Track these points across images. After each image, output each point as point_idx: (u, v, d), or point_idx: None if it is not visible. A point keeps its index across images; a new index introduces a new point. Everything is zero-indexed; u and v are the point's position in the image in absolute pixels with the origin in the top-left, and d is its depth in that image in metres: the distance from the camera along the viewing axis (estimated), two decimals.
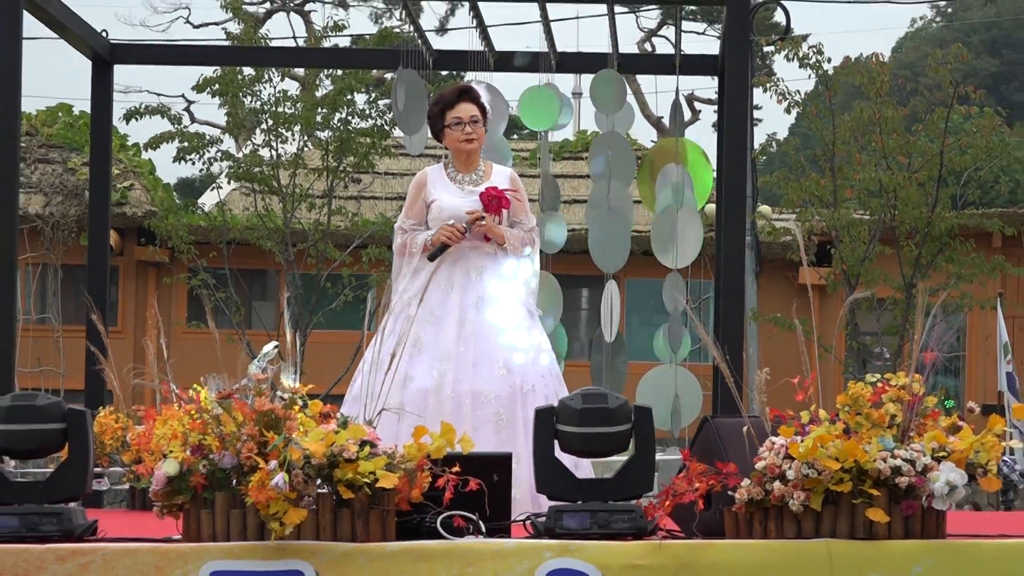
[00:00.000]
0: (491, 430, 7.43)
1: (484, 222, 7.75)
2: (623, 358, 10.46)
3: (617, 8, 10.31)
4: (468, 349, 7.73)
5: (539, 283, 8.42)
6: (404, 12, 11.39)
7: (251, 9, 29.00)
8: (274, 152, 21.93)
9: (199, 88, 22.24)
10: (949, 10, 55.62)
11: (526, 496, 7.09)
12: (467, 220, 7.75)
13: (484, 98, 8.45)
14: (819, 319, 5.46)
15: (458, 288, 7.84)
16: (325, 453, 5.43)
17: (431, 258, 7.72)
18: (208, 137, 23.00)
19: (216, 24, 35.11)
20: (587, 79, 10.48)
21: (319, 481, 5.44)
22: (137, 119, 23.15)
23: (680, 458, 6.00)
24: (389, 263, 8.21)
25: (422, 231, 7.92)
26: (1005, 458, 15.63)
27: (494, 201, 7.79)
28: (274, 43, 28.29)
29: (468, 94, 8.15)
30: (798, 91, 24.29)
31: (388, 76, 10.39)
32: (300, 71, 23.35)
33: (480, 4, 10.04)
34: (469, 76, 10.25)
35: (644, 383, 10.47)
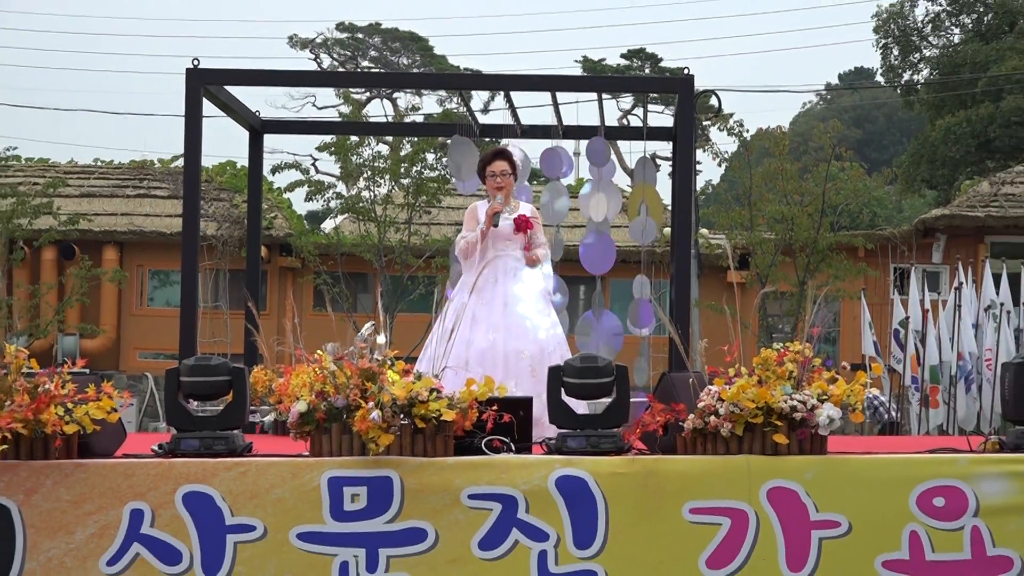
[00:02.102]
0: (527, 377, 7.46)
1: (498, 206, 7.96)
2: (619, 333, 10.37)
3: (603, 95, 10.27)
4: (511, 323, 7.77)
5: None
6: (459, 98, 11.40)
7: (356, 96, 29.00)
8: (372, 193, 22.00)
9: (321, 149, 22.34)
10: (828, 96, 55.58)
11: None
12: (491, 211, 7.95)
13: (516, 156, 8.46)
14: (741, 306, 5.42)
15: (501, 282, 7.89)
16: (406, 396, 5.45)
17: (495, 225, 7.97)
18: (327, 183, 23.09)
19: (333, 107, 35.18)
20: (583, 143, 10.42)
21: (402, 415, 5.45)
22: (279, 171, 23.29)
23: (646, 400, 5.99)
24: (450, 268, 8.25)
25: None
26: (870, 396, 15.61)
27: (523, 223, 7.92)
28: (372, 119, 28.38)
29: (502, 154, 8.17)
30: (726, 151, 24.43)
31: (448, 141, 10.40)
32: (389, 138, 23.39)
33: (511, 92, 10.04)
34: (504, 141, 10.21)
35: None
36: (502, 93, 10.29)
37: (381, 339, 5.78)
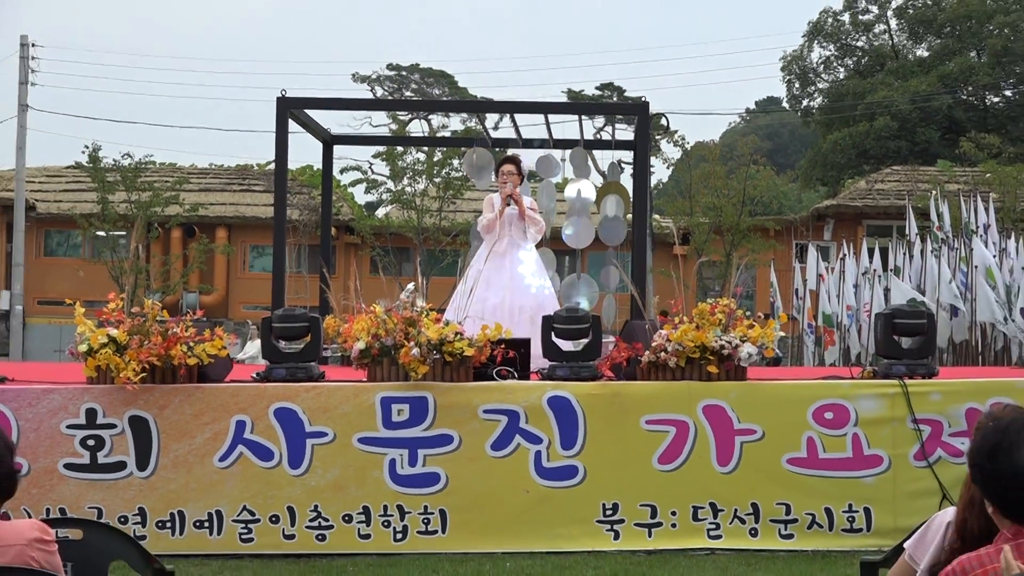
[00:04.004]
0: (528, 325, 7.33)
1: (512, 193, 7.65)
2: (595, 291, 10.25)
3: (583, 117, 10.20)
4: (516, 283, 7.65)
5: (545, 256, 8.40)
6: (477, 118, 11.30)
7: (402, 117, 28.89)
8: (413, 188, 21.93)
9: (376, 156, 22.28)
10: (747, 118, 55.26)
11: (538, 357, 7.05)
12: (503, 194, 7.67)
13: (523, 162, 8.30)
14: (684, 271, 5.36)
15: (508, 254, 7.77)
16: (438, 338, 5.42)
17: (507, 205, 7.62)
18: (380, 181, 23.04)
19: (384, 125, 34.93)
20: (568, 152, 10.33)
21: (435, 352, 5.42)
22: (345, 172, 23.18)
23: (614, 340, 5.97)
24: (471, 244, 8.13)
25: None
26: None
27: (522, 214, 7.76)
28: (412, 135, 28.23)
29: (511, 160, 8.02)
30: (672, 158, 24.28)
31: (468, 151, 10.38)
32: (425, 148, 23.34)
33: (515, 114, 9.95)
34: (510, 151, 10.13)
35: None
36: (508, 115, 10.19)
37: (421, 301, 5.76)
